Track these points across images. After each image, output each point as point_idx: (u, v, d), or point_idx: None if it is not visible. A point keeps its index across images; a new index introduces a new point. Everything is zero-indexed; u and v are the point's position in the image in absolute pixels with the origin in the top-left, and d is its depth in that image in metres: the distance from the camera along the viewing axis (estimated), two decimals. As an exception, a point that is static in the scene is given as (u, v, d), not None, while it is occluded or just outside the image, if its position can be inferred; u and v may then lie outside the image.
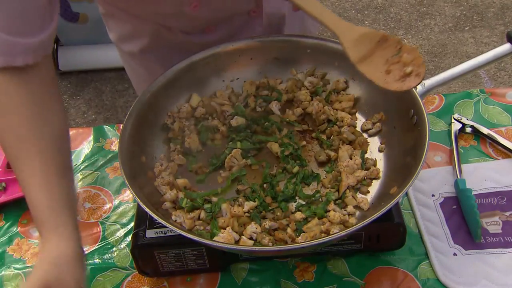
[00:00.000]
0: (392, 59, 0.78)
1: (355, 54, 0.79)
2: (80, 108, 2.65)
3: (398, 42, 0.78)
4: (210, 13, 0.95)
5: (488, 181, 0.95)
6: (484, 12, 2.94)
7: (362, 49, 0.79)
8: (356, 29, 0.79)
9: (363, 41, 0.79)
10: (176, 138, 0.94)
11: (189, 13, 0.92)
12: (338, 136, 0.91)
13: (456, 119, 1.04)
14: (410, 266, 0.85)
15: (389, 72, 0.78)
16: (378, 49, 0.78)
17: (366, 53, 0.79)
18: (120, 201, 1.00)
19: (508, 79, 2.56)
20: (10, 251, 0.93)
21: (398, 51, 0.78)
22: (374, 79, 0.79)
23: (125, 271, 0.89)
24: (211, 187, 0.88)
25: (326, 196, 0.83)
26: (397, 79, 0.77)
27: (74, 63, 2.79)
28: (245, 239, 0.78)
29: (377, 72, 0.79)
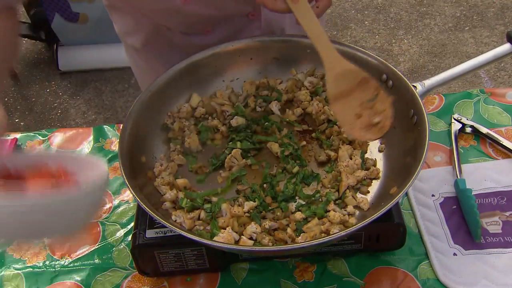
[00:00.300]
0: (366, 104, 0.80)
1: (333, 90, 0.81)
2: (80, 108, 2.65)
3: (376, 88, 0.79)
4: (204, 9, 0.95)
5: (488, 181, 0.95)
6: (484, 12, 2.94)
7: (342, 85, 0.80)
8: (343, 63, 0.79)
9: (346, 77, 0.80)
10: (176, 138, 0.94)
11: (182, 9, 0.92)
12: (338, 136, 0.91)
13: (456, 119, 1.04)
14: (410, 266, 0.85)
15: (359, 117, 0.81)
16: (357, 90, 0.80)
17: (344, 91, 0.80)
18: (120, 201, 1.00)
19: (508, 79, 2.56)
20: (10, 251, 0.93)
21: (375, 96, 0.79)
22: (342, 121, 0.82)
23: (125, 271, 0.89)
24: (211, 187, 0.88)
25: (326, 196, 0.83)
26: (363, 126, 0.80)
27: (74, 63, 2.79)
28: (245, 239, 0.78)
29: (348, 114, 0.81)
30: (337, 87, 0.81)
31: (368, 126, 0.81)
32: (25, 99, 2.74)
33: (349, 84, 0.79)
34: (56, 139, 1.13)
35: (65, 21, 2.64)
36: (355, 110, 0.80)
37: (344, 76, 0.80)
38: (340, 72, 0.80)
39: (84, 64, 2.79)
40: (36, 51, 2.99)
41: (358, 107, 0.80)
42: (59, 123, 2.58)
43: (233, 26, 1.02)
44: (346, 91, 0.80)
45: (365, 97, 0.79)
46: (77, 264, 0.90)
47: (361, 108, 0.80)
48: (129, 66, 1.23)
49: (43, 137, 1.13)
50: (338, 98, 0.81)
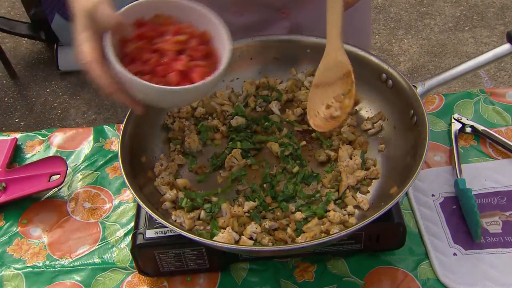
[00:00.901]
0: (339, 97, 0.81)
1: (320, 78, 0.82)
2: (80, 108, 2.65)
3: (351, 84, 0.79)
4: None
5: (488, 181, 0.95)
6: (484, 12, 2.94)
7: (329, 75, 0.81)
8: (339, 54, 0.80)
9: (335, 68, 0.81)
10: (176, 138, 0.94)
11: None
12: (338, 136, 0.91)
13: (456, 119, 1.04)
14: (410, 266, 0.85)
15: (328, 107, 0.82)
16: (339, 82, 0.81)
17: (329, 80, 0.81)
18: (120, 201, 1.00)
19: (508, 79, 2.56)
20: (10, 251, 0.93)
21: (348, 91, 0.80)
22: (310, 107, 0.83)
23: (125, 271, 0.89)
24: (211, 187, 0.88)
25: (326, 196, 0.83)
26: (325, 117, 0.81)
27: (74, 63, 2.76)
28: (245, 239, 0.78)
29: (320, 102, 0.82)
30: (325, 76, 0.82)
31: (329, 117, 0.82)
32: (25, 99, 2.74)
33: (335, 75, 0.80)
34: (56, 139, 1.13)
35: (65, 21, 2.64)
36: (328, 101, 0.81)
37: (334, 66, 0.81)
38: (332, 62, 0.81)
39: (84, 64, 2.79)
40: (36, 51, 2.99)
41: (332, 98, 0.81)
42: (59, 123, 2.58)
43: (263, 17, 1.02)
44: (330, 81, 0.81)
45: (341, 90, 0.80)
46: (77, 264, 0.90)
47: (334, 99, 0.81)
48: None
49: (43, 137, 1.13)
50: (319, 85, 0.83)
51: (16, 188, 1.00)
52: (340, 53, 0.80)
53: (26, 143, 1.12)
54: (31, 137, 1.14)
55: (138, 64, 0.71)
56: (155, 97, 0.72)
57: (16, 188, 1.00)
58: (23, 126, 2.58)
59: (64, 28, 2.67)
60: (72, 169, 1.06)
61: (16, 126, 2.58)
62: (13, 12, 3.24)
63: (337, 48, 0.80)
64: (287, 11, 1.02)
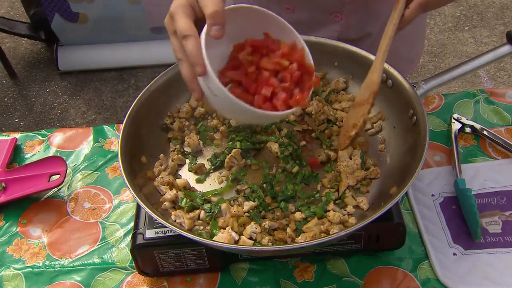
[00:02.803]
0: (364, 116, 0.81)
1: (359, 97, 0.83)
2: (80, 108, 2.65)
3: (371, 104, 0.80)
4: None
5: (488, 181, 0.95)
6: (484, 12, 2.94)
7: (364, 95, 0.82)
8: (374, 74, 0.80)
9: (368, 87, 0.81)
10: (176, 138, 0.94)
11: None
12: (338, 136, 0.91)
13: (456, 119, 1.04)
14: (410, 266, 0.85)
15: (355, 126, 0.82)
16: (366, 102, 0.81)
17: (362, 100, 0.82)
18: (120, 201, 1.00)
19: (508, 79, 2.57)
20: (10, 251, 0.93)
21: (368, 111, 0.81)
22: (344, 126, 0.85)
23: (125, 271, 0.89)
24: (211, 187, 0.88)
25: (325, 196, 0.83)
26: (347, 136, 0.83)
27: (74, 63, 2.79)
28: (245, 239, 0.78)
29: (351, 122, 0.84)
30: (361, 95, 0.83)
31: (348, 138, 0.84)
32: (25, 99, 2.74)
33: (366, 95, 0.81)
34: (56, 139, 1.13)
35: (65, 21, 2.64)
36: (356, 120, 0.82)
37: (367, 87, 0.81)
38: (368, 81, 0.82)
39: (84, 64, 2.79)
40: (36, 51, 2.99)
41: (359, 117, 0.81)
42: (59, 123, 2.58)
43: (314, 17, 1.02)
44: (362, 101, 0.82)
45: (366, 110, 0.80)
46: (77, 264, 0.90)
47: (360, 118, 0.81)
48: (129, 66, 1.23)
49: (43, 137, 1.13)
50: (356, 106, 0.84)
51: (16, 188, 1.00)
52: (375, 74, 0.80)
53: (25, 143, 1.12)
54: (30, 137, 1.14)
55: (233, 73, 0.73)
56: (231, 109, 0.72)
57: (16, 188, 1.00)
58: (23, 126, 2.58)
59: (64, 28, 2.67)
60: (72, 169, 1.06)
61: (16, 126, 2.59)
62: (13, 12, 3.24)
63: (375, 69, 0.80)
64: (340, 15, 1.02)
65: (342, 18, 1.02)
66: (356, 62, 0.94)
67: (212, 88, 0.69)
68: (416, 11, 0.76)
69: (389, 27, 0.78)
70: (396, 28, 0.77)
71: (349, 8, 1.01)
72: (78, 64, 2.79)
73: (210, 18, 0.66)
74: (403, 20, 0.77)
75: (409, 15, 0.76)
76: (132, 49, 2.75)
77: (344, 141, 0.85)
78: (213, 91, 0.69)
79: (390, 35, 0.78)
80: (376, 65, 0.80)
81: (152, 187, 0.86)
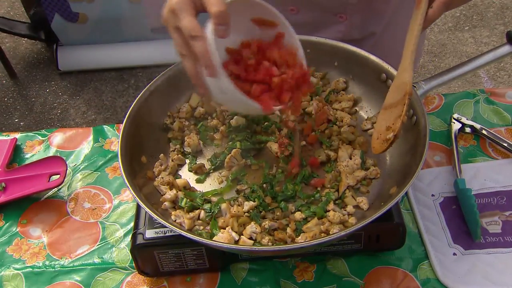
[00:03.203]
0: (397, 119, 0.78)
1: (388, 100, 0.81)
2: (80, 108, 2.65)
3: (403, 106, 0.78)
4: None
5: (488, 181, 0.95)
6: (484, 12, 2.94)
7: (395, 97, 0.80)
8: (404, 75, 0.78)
9: (399, 89, 0.79)
10: (176, 138, 0.94)
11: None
12: (338, 136, 0.91)
13: (456, 119, 1.04)
14: (410, 266, 0.85)
15: (388, 129, 0.79)
16: (400, 103, 0.79)
17: (394, 102, 0.80)
18: (120, 201, 1.00)
19: (508, 79, 2.57)
20: (10, 251, 0.93)
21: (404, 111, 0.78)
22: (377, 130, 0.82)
23: (125, 271, 0.89)
24: (211, 187, 0.88)
25: (325, 196, 0.83)
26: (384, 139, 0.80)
27: (74, 63, 2.79)
28: (245, 239, 0.78)
29: (384, 125, 0.81)
30: (392, 97, 0.81)
31: (385, 139, 0.81)
32: (25, 99, 2.74)
33: (399, 96, 0.79)
34: (55, 139, 1.13)
35: (65, 21, 2.64)
36: (390, 123, 0.80)
37: (400, 87, 0.79)
38: (399, 82, 0.80)
39: (84, 64, 2.79)
40: (36, 51, 2.99)
41: (393, 120, 0.79)
42: (59, 123, 2.58)
43: (319, 18, 1.02)
44: (395, 102, 0.80)
45: (400, 112, 0.78)
46: (77, 264, 0.90)
47: (394, 121, 0.79)
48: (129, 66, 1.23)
49: (43, 137, 1.13)
50: (387, 108, 0.81)
51: (16, 188, 1.00)
52: (406, 74, 0.78)
53: (25, 143, 1.12)
54: (30, 137, 1.14)
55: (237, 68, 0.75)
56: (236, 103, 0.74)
57: (16, 188, 1.00)
58: (23, 126, 2.58)
59: (64, 28, 2.67)
60: (72, 169, 1.06)
61: (16, 126, 2.58)
62: (12, 12, 3.24)
63: (404, 69, 0.79)
64: (345, 16, 1.02)
65: (346, 18, 1.02)
66: (356, 62, 0.94)
67: (222, 87, 0.70)
68: (440, 10, 0.75)
69: (413, 26, 0.77)
70: (421, 27, 0.76)
71: (353, 8, 1.01)
72: (78, 64, 2.79)
73: (216, 18, 0.66)
74: (427, 19, 0.76)
75: (432, 14, 0.76)
76: (132, 49, 2.75)
77: (380, 145, 0.81)
78: (222, 90, 0.70)
79: (416, 34, 0.77)
80: (405, 65, 0.78)
81: (152, 187, 0.86)
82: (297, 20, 0.99)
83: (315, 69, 1.00)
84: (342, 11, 1.01)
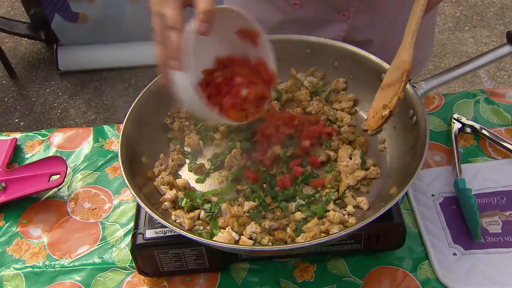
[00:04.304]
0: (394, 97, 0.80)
1: (387, 79, 0.82)
2: (80, 108, 2.65)
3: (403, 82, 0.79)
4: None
5: (488, 181, 0.95)
6: (484, 12, 2.94)
7: (393, 75, 0.81)
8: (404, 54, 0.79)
9: (398, 68, 0.80)
10: (176, 138, 0.94)
11: None
12: (338, 136, 0.91)
13: (456, 119, 1.04)
14: (410, 266, 0.85)
15: (385, 107, 0.81)
16: (398, 82, 0.80)
17: (392, 81, 0.81)
18: (120, 201, 1.00)
19: (508, 79, 2.57)
20: (10, 251, 0.93)
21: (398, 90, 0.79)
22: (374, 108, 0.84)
23: (125, 271, 0.89)
24: (211, 187, 0.88)
25: (326, 196, 0.83)
26: (379, 117, 0.82)
27: (74, 63, 2.79)
28: (245, 239, 0.78)
29: (381, 103, 0.82)
30: (390, 77, 0.82)
31: (380, 117, 0.82)
32: (25, 99, 2.74)
33: (397, 75, 0.80)
34: (55, 139, 1.13)
35: (65, 21, 2.64)
36: (386, 101, 0.81)
37: (397, 67, 0.80)
38: (398, 62, 0.80)
39: (84, 64, 2.79)
40: (36, 51, 2.99)
41: (390, 98, 0.80)
42: (59, 123, 2.58)
43: (321, 14, 1.02)
44: (393, 81, 0.81)
45: (397, 90, 0.79)
46: (77, 264, 0.90)
47: (391, 99, 0.80)
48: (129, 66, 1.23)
49: (43, 137, 1.13)
50: (385, 87, 0.83)
51: (16, 188, 1.00)
52: (406, 53, 0.79)
53: (25, 143, 1.12)
54: (30, 137, 1.14)
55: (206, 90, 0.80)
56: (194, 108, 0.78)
57: (16, 188, 1.00)
58: (23, 126, 2.58)
59: (64, 28, 2.67)
60: (72, 169, 1.06)
61: (16, 126, 2.58)
62: (13, 12, 3.24)
63: (405, 48, 0.79)
64: (348, 14, 1.02)
65: (349, 17, 1.02)
66: (356, 62, 0.94)
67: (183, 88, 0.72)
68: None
69: (417, 7, 0.77)
70: (424, 9, 0.76)
71: (357, 6, 1.01)
72: (78, 64, 2.79)
73: (203, 14, 0.67)
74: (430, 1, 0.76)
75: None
76: (132, 49, 2.75)
77: (375, 122, 0.83)
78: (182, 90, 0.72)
79: (418, 15, 0.77)
80: (405, 45, 0.79)
81: (152, 187, 0.86)
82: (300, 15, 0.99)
83: (315, 69, 1.00)
84: (345, 9, 1.01)
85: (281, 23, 1.02)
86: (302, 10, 1.02)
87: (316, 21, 1.03)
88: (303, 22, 0.93)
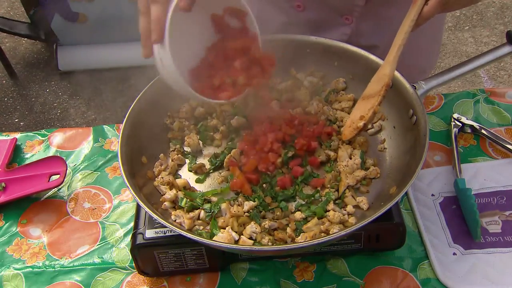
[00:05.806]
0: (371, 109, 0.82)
1: (368, 90, 0.84)
2: (80, 108, 2.65)
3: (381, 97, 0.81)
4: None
5: (488, 180, 0.95)
6: (484, 11, 2.94)
7: (374, 88, 0.82)
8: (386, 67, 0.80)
9: (379, 80, 0.82)
10: (176, 138, 0.94)
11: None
12: (337, 136, 0.91)
13: (456, 119, 1.04)
14: (409, 266, 0.85)
15: (362, 118, 0.83)
16: (376, 95, 0.82)
17: (372, 92, 0.82)
18: (119, 201, 1.00)
19: (508, 79, 2.57)
20: (10, 251, 0.93)
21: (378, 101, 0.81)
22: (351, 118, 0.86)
23: (125, 271, 0.89)
24: (211, 187, 0.88)
25: (325, 196, 0.83)
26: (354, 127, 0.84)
27: (74, 63, 2.79)
28: (244, 239, 0.78)
29: (359, 113, 0.84)
30: (371, 88, 0.83)
31: (355, 129, 0.84)
32: (25, 99, 2.74)
33: (378, 87, 0.80)
34: (55, 139, 1.13)
35: (64, 21, 2.64)
36: (364, 112, 0.82)
37: (379, 79, 0.81)
38: (380, 74, 0.81)
39: (84, 64, 2.79)
40: (35, 51, 2.99)
41: (367, 110, 0.81)
42: (58, 123, 2.58)
43: (324, 18, 1.02)
44: (373, 93, 0.81)
45: (376, 102, 0.80)
46: (77, 264, 0.90)
47: (370, 111, 0.81)
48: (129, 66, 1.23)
49: (43, 137, 1.13)
50: (365, 98, 0.84)
51: (16, 188, 1.00)
52: (388, 67, 0.80)
53: (25, 143, 1.12)
54: (30, 137, 1.14)
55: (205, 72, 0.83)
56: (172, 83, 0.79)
57: (16, 188, 1.00)
58: (23, 126, 2.58)
59: (63, 28, 2.67)
60: (72, 169, 1.06)
61: (16, 126, 2.58)
62: (12, 12, 3.24)
63: (388, 61, 0.80)
64: (351, 18, 1.02)
65: (352, 21, 1.02)
66: (356, 62, 0.94)
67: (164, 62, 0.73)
68: (435, 9, 0.75)
69: (406, 22, 0.77)
70: (413, 24, 0.76)
71: (360, 11, 1.01)
72: (78, 64, 2.79)
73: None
74: (421, 16, 0.76)
75: (427, 12, 0.75)
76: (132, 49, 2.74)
77: (350, 132, 0.84)
78: (164, 64, 0.74)
79: (406, 30, 0.77)
80: (390, 59, 0.80)
81: (152, 187, 0.86)
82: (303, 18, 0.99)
83: (315, 69, 1.00)
84: (348, 13, 1.01)
85: (284, 25, 1.02)
86: (305, 12, 1.02)
87: (319, 24, 1.03)
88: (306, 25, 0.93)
